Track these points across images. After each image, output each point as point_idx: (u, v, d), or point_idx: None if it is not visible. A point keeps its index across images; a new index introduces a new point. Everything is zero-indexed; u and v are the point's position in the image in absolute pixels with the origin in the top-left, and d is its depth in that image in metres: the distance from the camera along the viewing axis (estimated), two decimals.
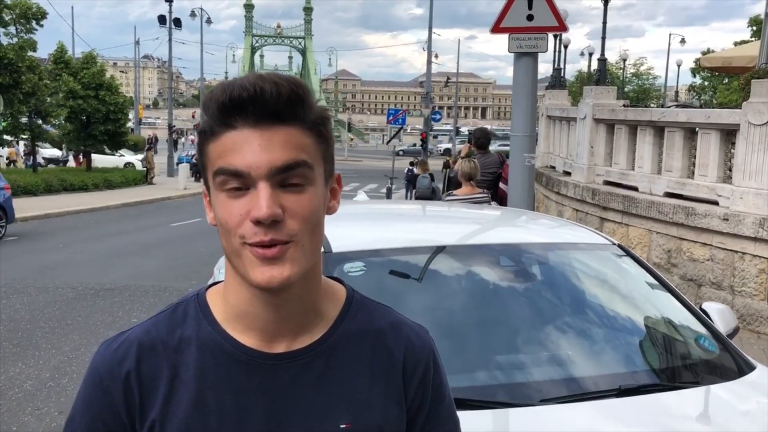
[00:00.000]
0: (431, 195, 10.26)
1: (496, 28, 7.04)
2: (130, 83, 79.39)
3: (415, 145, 69.31)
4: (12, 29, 26.98)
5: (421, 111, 40.81)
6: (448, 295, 2.67)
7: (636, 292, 3.03)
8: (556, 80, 17.99)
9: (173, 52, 37.89)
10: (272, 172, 0.95)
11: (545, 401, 2.25)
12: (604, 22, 18.16)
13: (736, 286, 7.11)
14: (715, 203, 7.39)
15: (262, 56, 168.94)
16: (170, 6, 37.32)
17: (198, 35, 49.15)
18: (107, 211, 20.07)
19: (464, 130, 44.25)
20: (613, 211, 8.99)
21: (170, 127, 39.74)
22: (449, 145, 61.45)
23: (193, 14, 47.59)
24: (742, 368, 2.63)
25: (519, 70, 7.12)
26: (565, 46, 21.48)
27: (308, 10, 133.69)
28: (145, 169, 31.13)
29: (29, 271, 10.48)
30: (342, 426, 1.04)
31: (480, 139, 8.29)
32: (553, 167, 12.57)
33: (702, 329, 2.81)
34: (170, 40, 38.12)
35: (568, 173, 10.85)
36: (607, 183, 9.47)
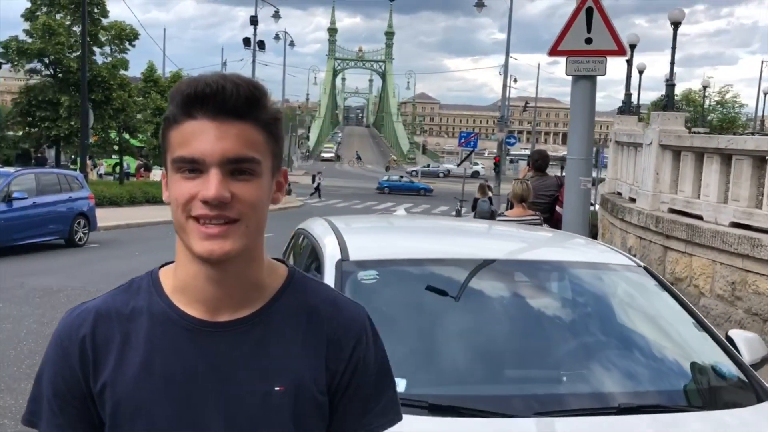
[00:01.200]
0: (490, 218, 10.25)
1: (554, 51, 7.04)
2: None
3: (428, 165, 68.45)
4: (107, 49, 28.62)
5: (495, 134, 40.63)
6: (455, 307, 2.71)
7: (656, 314, 2.99)
8: (626, 105, 17.61)
9: (258, 74, 39.22)
10: (223, 161, 1.07)
11: (539, 414, 2.26)
12: (673, 48, 17.70)
13: None
14: None
15: (344, 79, 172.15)
16: (255, 29, 38.78)
17: (283, 57, 50.46)
18: None
19: None
20: (676, 240, 8.72)
21: None
22: (480, 167, 60.91)
23: (277, 37, 49.17)
24: (761, 397, 2.56)
25: (576, 92, 7.08)
26: (640, 72, 21.01)
27: (390, 35, 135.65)
28: None
29: (103, 275, 11.04)
30: (276, 388, 1.14)
31: (538, 161, 8.24)
32: (619, 194, 12.28)
33: (722, 355, 2.75)
34: (254, 61, 39.56)
35: (633, 200, 10.59)
36: (672, 211, 9.19)
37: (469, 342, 2.59)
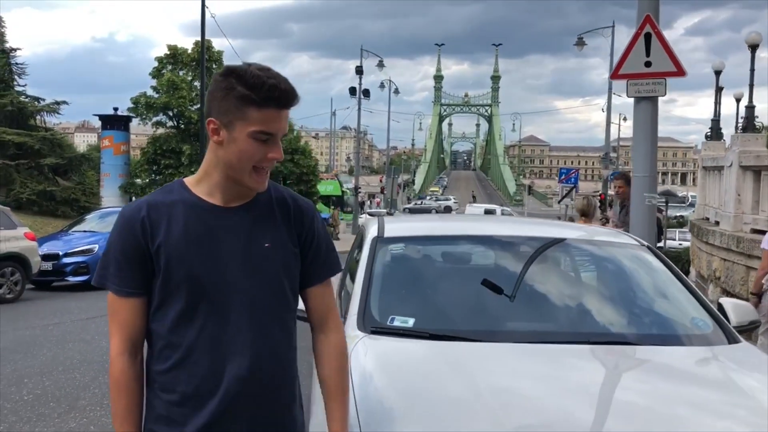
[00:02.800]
0: None
1: (615, 75, 7.45)
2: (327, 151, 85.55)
3: (429, 197, 69.32)
4: None
5: (601, 172, 40.06)
6: (462, 270, 3.31)
7: (651, 281, 3.41)
8: (714, 131, 17.24)
9: (364, 121, 40.91)
10: (282, 135, 1.80)
11: (521, 342, 2.78)
12: (752, 69, 17.21)
13: None
14: None
15: (450, 124, 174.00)
16: (360, 78, 40.63)
17: (392, 105, 52.29)
18: None
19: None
20: (758, 259, 8.70)
21: (356, 189, 42.64)
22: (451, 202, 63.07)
23: (382, 86, 51.00)
24: (731, 342, 2.95)
25: (639, 113, 7.43)
26: (737, 99, 20.43)
27: (496, 79, 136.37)
28: (331, 226, 33.66)
29: None
30: (266, 245, 1.81)
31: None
32: (707, 219, 12.21)
33: (705, 314, 3.15)
34: (359, 108, 41.26)
35: (718, 223, 10.58)
36: (755, 231, 9.17)
37: (468, 297, 3.16)
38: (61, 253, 13.71)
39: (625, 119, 59.76)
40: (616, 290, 3.38)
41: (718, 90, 19.28)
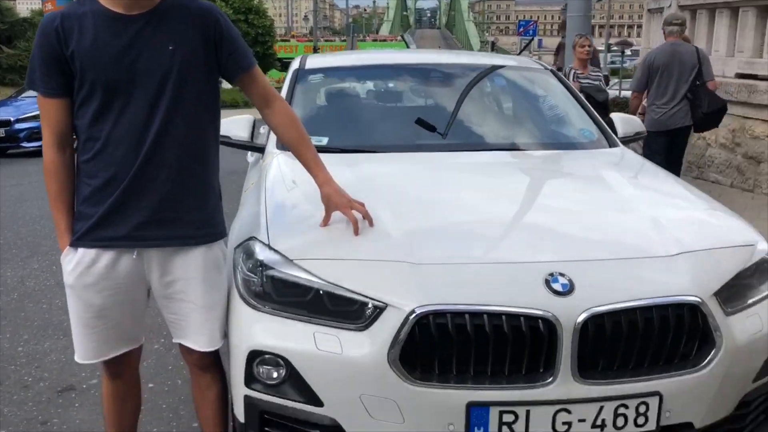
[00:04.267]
0: None
1: None
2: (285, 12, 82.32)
3: None
4: None
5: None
6: (375, 96, 3.60)
7: (548, 99, 3.74)
8: None
9: None
10: None
11: (425, 149, 3.13)
12: None
13: None
14: None
15: None
16: None
17: None
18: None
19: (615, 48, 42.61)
20: None
21: (315, 50, 41.70)
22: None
23: None
24: (611, 146, 3.36)
25: None
26: None
27: None
28: None
29: None
30: (170, 48, 2.03)
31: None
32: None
33: (592, 125, 3.51)
34: None
35: None
36: None
37: (378, 116, 3.47)
38: (12, 119, 13.59)
39: None
40: (520, 108, 3.71)
41: None
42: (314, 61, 3.86)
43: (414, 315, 1.88)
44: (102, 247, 2.09)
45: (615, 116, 3.72)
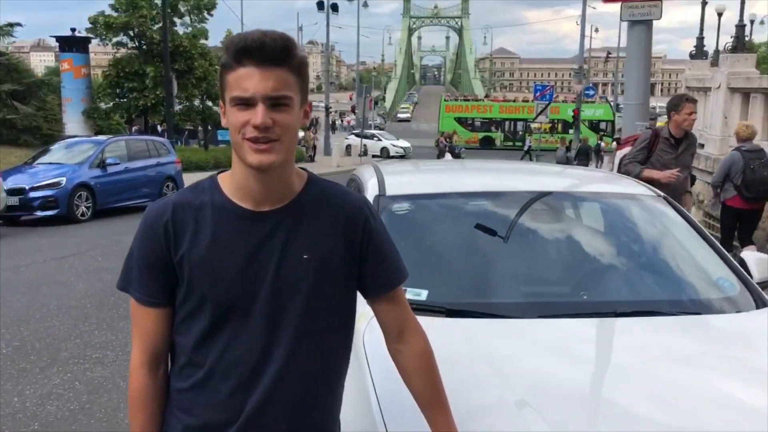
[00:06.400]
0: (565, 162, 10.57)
1: None
2: None
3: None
4: (186, 19, 29.67)
5: (572, 87, 39.69)
6: (474, 231, 3.07)
7: (669, 237, 3.24)
8: (698, 50, 16.95)
9: (332, 36, 39.62)
10: (266, 97, 1.47)
11: (542, 317, 2.60)
12: None
13: None
14: None
15: (419, 38, 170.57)
16: None
17: (360, 18, 50.63)
18: None
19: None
20: None
21: (326, 108, 41.78)
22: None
23: None
24: (759, 305, 2.80)
25: (632, 38, 7.15)
26: (719, 14, 20.05)
27: None
28: (304, 147, 33.06)
29: None
30: (305, 257, 1.56)
31: None
32: None
33: (728, 271, 2.99)
34: (327, 24, 39.92)
35: (702, 145, 10.47)
36: None
37: (485, 260, 2.95)
38: (27, 187, 13.22)
39: (596, 30, 58.87)
40: (636, 251, 3.19)
41: (704, 4, 18.80)
42: (396, 184, 3.35)
43: None
44: None
45: (749, 257, 3.21)
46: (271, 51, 1.46)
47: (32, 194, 13.19)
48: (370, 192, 3.24)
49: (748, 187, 7.41)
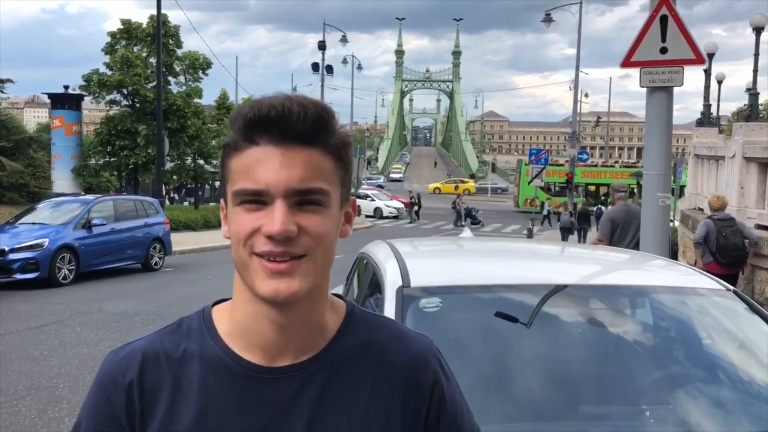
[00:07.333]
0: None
1: (627, 63, 6.74)
2: None
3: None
4: (181, 78, 29.63)
5: (567, 150, 39.77)
6: (526, 336, 2.52)
7: (748, 341, 2.72)
8: (705, 117, 16.81)
9: (328, 97, 39.86)
10: (289, 192, 0.95)
11: None
12: (756, 54, 16.76)
13: None
14: None
15: (411, 100, 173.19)
16: (323, 54, 39.50)
17: (351, 80, 51.07)
18: None
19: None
20: (764, 257, 8.19)
21: None
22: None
23: (345, 61, 49.79)
24: None
25: (652, 105, 6.75)
26: (719, 81, 20.09)
27: (456, 54, 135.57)
28: None
29: (177, 299, 11.26)
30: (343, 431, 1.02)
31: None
32: (700, 209, 11.70)
33: None
34: (322, 86, 40.16)
35: None
36: (760, 227, 8.66)
37: (542, 375, 2.39)
38: (7, 249, 12.58)
39: (586, 95, 59.72)
40: (719, 364, 2.64)
41: (708, 73, 18.78)
42: (422, 274, 2.81)
43: None
44: None
45: None
46: (299, 123, 0.96)
47: (12, 256, 12.54)
48: (391, 282, 2.71)
49: (722, 253, 8.08)
